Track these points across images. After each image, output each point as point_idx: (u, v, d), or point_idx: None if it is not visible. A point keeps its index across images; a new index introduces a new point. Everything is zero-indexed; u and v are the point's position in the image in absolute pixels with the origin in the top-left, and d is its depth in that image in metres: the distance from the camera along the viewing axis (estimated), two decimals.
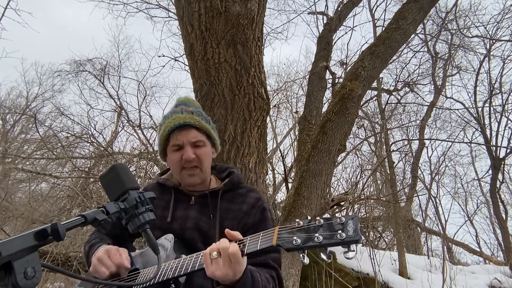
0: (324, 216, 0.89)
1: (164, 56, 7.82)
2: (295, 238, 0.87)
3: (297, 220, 0.91)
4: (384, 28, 5.57)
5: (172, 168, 1.40)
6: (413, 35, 7.49)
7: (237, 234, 1.03)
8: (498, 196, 9.31)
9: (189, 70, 2.76)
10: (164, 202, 1.41)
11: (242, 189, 1.43)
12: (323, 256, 0.87)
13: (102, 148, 7.98)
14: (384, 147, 8.32)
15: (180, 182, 1.43)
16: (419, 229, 9.73)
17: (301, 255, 0.88)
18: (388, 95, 9.34)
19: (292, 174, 7.52)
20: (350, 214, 1.04)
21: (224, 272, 0.96)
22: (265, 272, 1.19)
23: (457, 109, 10.38)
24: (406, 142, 10.09)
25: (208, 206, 1.35)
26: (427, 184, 10.87)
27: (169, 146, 1.35)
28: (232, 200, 1.39)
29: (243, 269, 0.99)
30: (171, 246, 1.23)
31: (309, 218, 0.91)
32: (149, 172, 7.06)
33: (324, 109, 5.81)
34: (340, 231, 0.83)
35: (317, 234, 0.85)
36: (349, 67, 5.60)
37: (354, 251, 0.83)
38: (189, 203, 1.38)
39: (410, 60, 9.58)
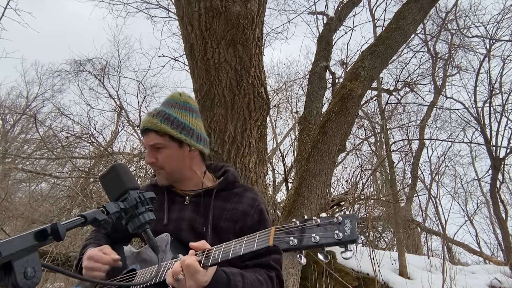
0: (321, 215, 0.88)
1: (164, 56, 7.83)
2: (291, 238, 0.86)
3: (294, 219, 0.90)
4: (384, 28, 5.57)
5: None
6: (413, 35, 7.49)
7: (200, 244, 1.03)
8: (498, 196, 9.31)
9: (189, 70, 2.76)
10: (157, 203, 1.39)
11: (238, 188, 1.41)
12: (320, 257, 0.86)
13: (102, 148, 7.98)
14: (384, 147, 8.32)
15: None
16: (419, 229, 9.73)
17: (298, 255, 0.87)
18: (388, 95, 9.34)
19: (292, 174, 7.53)
20: (347, 213, 0.99)
21: (186, 285, 0.96)
22: (261, 273, 1.18)
23: (457, 109, 10.40)
24: (406, 142, 10.10)
25: (202, 206, 1.34)
26: (427, 184, 10.88)
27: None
28: (227, 199, 1.37)
29: (206, 279, 0.99)
30: (168, 245, 1.22)
31: (305, 217, 0.90)
32: (149, 172, 7.05)
33: (324, 109, 5.82)
34: (337, 231, 0.82)
35: (314, 234, 0.84)
36: (349, 67, 5.60)
37: (351, 251, 0.82)
38: (184, 203, 1.37)
39: (410, 60, 9.60)
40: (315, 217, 0.87)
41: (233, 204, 1.35)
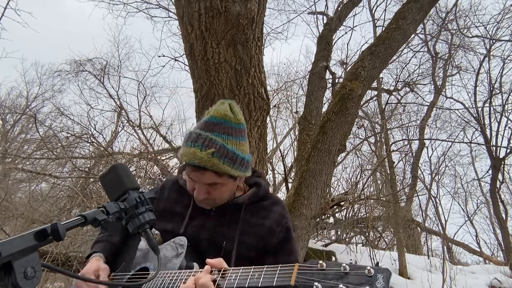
0: (350, 263, 0.81)
1: (164, 56, 7.83)
2: (316, 283, 0.79)
3: (320, 262, 0.82)
4: (384, 28, 5.57)
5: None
6: (413, 35, 7.49)
7: (217, 262, 0.99)
8: (498, 196, 9.32)
9: (189, 70, 2.76)
10: (182, 207, 1.34)
11: (266, 201, 1.33)
12: None
13: (102, 148, 7.98)
14: (384, 147, 8.32)
15: None
16: (419, 229, 9.73)
17: None
18: (388, 95, 9.35)
19: (292, 174, 7.53)
20: (380, 266, 0.90)
21: None
22: None
23: (457, 109, 10.39)
24: (406, 142, 10.09)
25: (228, 219, 1.28)
26: (427, 184, 10.87)
27: (186, 169, 1.25)
28: (254, 213, 1.30)
29: None
30: (184, 251, 1.19)
31: (333, 260, 0.83)
32: (149, 172, 7.07)
33: (324, 109, 5.81)
34: (368, 287, 0.74)
35: (341, 285, 0.76)
36: (349, 67, 5.60)
37: None
38: (209, 212, 1.29)
39: (410, 60, 9.60)
40: (344, 264, 0.80)
41: (260, 219, 1.29)
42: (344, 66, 8.55)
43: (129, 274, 1.27)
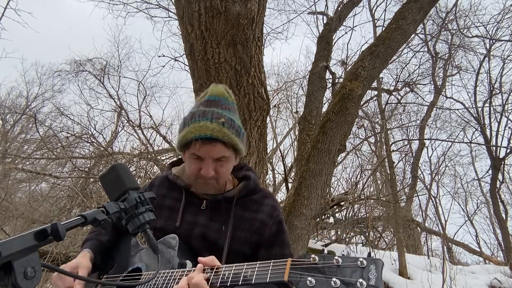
0: (343, 254, 0.81)
1: (164, 56, 7.83)
2: (309, 278, 0.79)
3: (313, 256, 0.82)
4: (384, 28, 5.57)
5: (187, 172, 1.28)
6: (413, 35, 7.49)
7: (209, 260, 0.98)
8: (498, 196, 9.31)
9: (189, 70, 2.76)
10: (172, 201, 1.32)
11: (257, 194, 1.33)
12: None
13: (102, 148, 7.98)
14: (384, 147, 8.32)
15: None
16: (419, 229, 9.73)
17: None
18: (388, 95, 9.35)
19: (292, 174, 7.53)
20: (372, 256, 0.82)
21: None
22: None
23: (457, 109, 10.40)
24: (406, 142, 10.10)
25: (220, 213, 1.27)
26: (427, 184, 10.88)
27: (188, 151, 1.22)
28: (246, 207, 1.30)
29: None
30: (176, 248, 1.18)
31: (325, 252, 0.84)
32: (149, 172, 7.06)
33: (324, 109, 5.82)
34: (360, 279, 0.74)
35: (334, 278, 0.76)
36: (349, 67, 5.60)
37: None
38: (200, 207, 1.29)
39: (410, 60, 9.60)
40: (336, 257, 0.80)
41: (252, 213, 1.29)
42: (344, 66, 8.55)
43: (121, 275, 1.25)
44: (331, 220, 8.14)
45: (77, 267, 1.18)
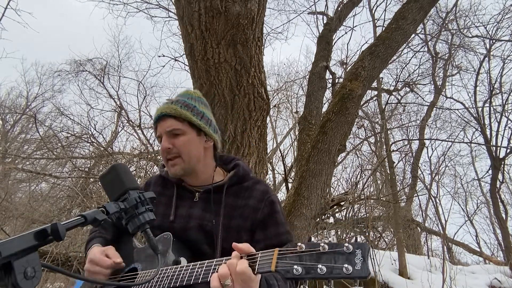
0: (329, 241, 0.80)
1: (164, 56, 7.81)
2: (295, 267, 0.79)
3: (300, 244, 0.82)
4: (384, 28, 5.57)
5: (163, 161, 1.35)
6: (413, 35, 7.49)
7: (246, 247, 0.91)
8: (498, 196, 9.32)
9: (189, 70, 2.76)
10: (166, 198, 1.35)
11: (248, 182, 1.34)
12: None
13: (102, 148, 7.98)
14: (384, 147, 8.32)
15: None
16: (419, 229, 9.73)
17: (301, 286, 0.82)
18: (388, 95, 9.34)
19: (292, 174, 7.53)
20: (359, 240, 0.81)
21: None
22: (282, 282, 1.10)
23: (457, 109, 10.40)
24: (406, 142, 10.10)
25: (212, 203, 1.28)
26: (427, 184, 10.88)
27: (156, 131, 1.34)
28: (238, 195, 1.30)
29: (257, 286, 0.89)
30: (170, 247, 1.18)
31: (312, 240, 0.83)
32: (149, 172, 7.06)
33: (324, 109, 5.81)
34: (346, 264, 0.74)
35: (320, 265, 0.76)
36: (349, 67, 5.60)
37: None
38: (193, 200, 1.31)
39: (410, 60, 9.59)
40: (322, 243, 0.79)
41: (243, 199, 1.29)
42: (344, 66, 8.55)
43: (118, 276, 1.25)
44: (331, 220, 8.15)
45: (104, 250, 1.22)
